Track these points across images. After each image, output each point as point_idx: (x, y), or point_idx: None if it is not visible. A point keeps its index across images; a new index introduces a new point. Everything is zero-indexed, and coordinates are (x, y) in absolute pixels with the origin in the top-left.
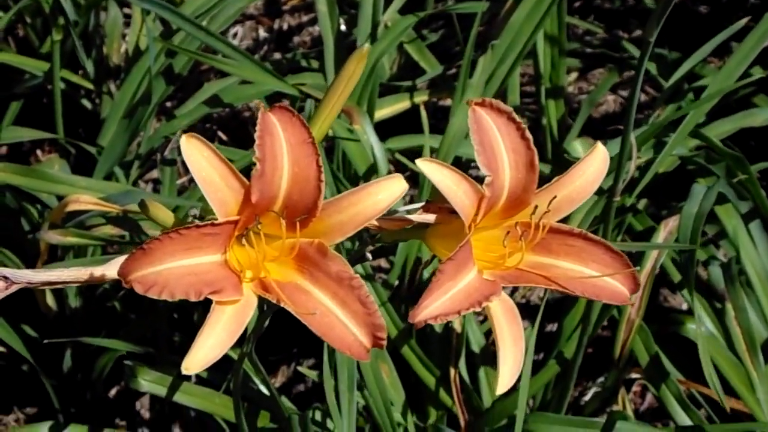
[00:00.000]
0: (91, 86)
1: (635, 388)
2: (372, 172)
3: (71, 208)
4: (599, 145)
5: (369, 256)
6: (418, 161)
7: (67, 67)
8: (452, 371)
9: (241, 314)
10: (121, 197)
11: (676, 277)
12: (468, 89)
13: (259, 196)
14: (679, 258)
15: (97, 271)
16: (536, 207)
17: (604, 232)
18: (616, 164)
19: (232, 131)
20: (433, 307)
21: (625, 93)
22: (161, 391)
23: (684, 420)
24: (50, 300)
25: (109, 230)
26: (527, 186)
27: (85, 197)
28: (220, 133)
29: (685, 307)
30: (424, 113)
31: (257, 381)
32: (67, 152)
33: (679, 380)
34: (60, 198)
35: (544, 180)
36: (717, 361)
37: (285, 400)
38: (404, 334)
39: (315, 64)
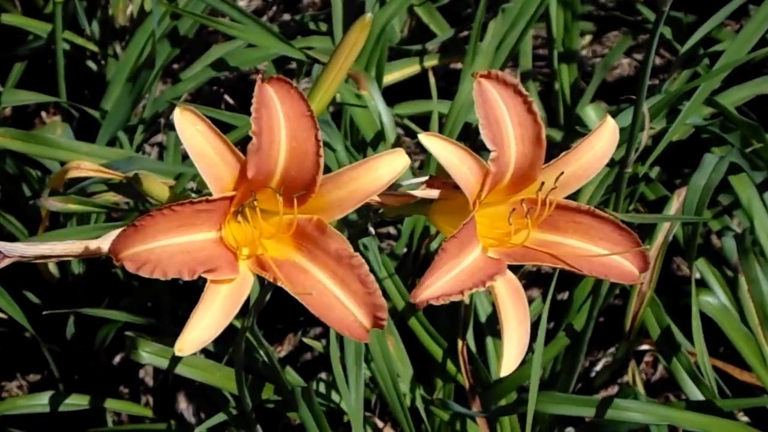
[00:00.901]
0: (95, 48)
1: (647, 358)
2: (380, 139)
3: (71, 175)
4: (608, 118)
5: (372, 230)
6: (420, 136)
7: (72, 29)
8: (460, 343)
9: (237, 293)
10: (124, 164)
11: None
12: (479, 54)
13: (256, 171)
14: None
15: (92, 244)
16: (543, 183)
17: (615, 204)
18: (628, 135)
19: (240, 94)
20: (436, 287)
21: (639, 56)
22: (163, 363)
23: (695, 393)
24: (52, 267)
25: (112, 197)
26: (534, 161)
27: (86, 164)
28: (227, 97)
29: (698, 275)
30: (432, 80)
31: (261, 352)
32: (72, 114)
33: (691, 352)
34: (62, 164)
35: (554, 146)
36: (729, 334)
37: (290, 371)
38: (411, 305)
39: (324, 26)
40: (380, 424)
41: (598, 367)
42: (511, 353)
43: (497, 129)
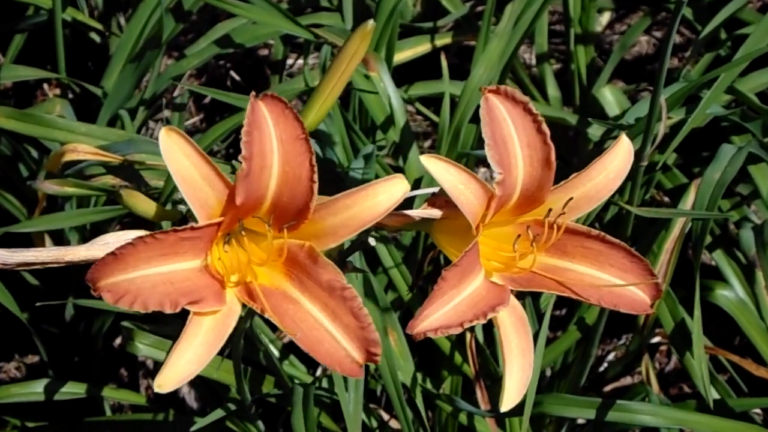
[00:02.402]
0: (97, 25)
1: (662, 347)
2: (389, 123)
3: (68, 158)
4: (623, 137)
5: (372, 242)
6: (422, 158)
7: (74, 3)
8: (468, 335)
9: (222, 325)
10: (123, 147)
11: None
12: (494, 35)
13: (245, 197)
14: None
15: (79, 253)
16: (551, 207)
17: (630, 195)
18: (645, 126)
19: (246, 70)
20: (434, 318)
21: (659, 34)
22: (160, 355)
23: (710, 391)
24: (49, 245)
25: (110, 180)
26: (542, 184)
27: (82, 147)
28: (233, 73)
29: (713, 263)
30: (444, 63)
31: (263, 344)
32: (73, 89)
33: (706, 347)
34: (61, 144)
35: (568, 130)
36: (746, 329)
37: (295, 360)
38: (417, 297)
39: (335, 0)
40: (386, 416)
41: (610, 356)
42: (513, 386)
43: (504, 150)
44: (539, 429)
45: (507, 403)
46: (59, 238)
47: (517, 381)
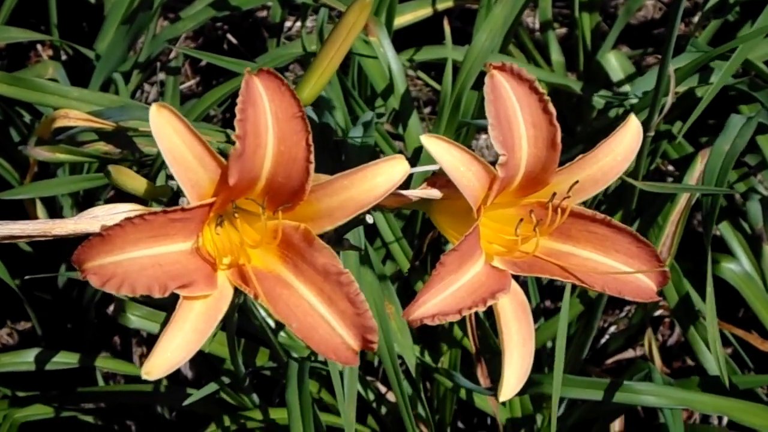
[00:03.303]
0: None
1: (665, 319)
2: (389, 90)
3: (59, 124)
4: (632, 118)
5: (370, 219)
6: (423, 138)
7: None
8: None
9: (213, 309)
10: (116, 112)
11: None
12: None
13: (239, 177)
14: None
15: (67, 226)
16: (556, 190)
17: (636, 166)
18: (652, 97)
19: (243, 33)
20: (431, 304)
21: None
22: (153, 327)
23: (713, 366)
24: (41, 213)
25: (102, 147)
26: (547, 166)
27: (74, 112)
28: (229, 36)
29: (717, 232)
30: (447, 28)
31: (258, 316)
32: (67, 51)
33: None
34: (53, 108)
35: (572, 97)
36: (752, 303)
37: (291, 332)
38: (417, 270)
39: None
40: (383, 389)
41: (612, 329)
42: (512, 376)
43: (508, 130)
44: (539, 405)
45: (506, 394)
46: (51, 205)
47: (516, 371)
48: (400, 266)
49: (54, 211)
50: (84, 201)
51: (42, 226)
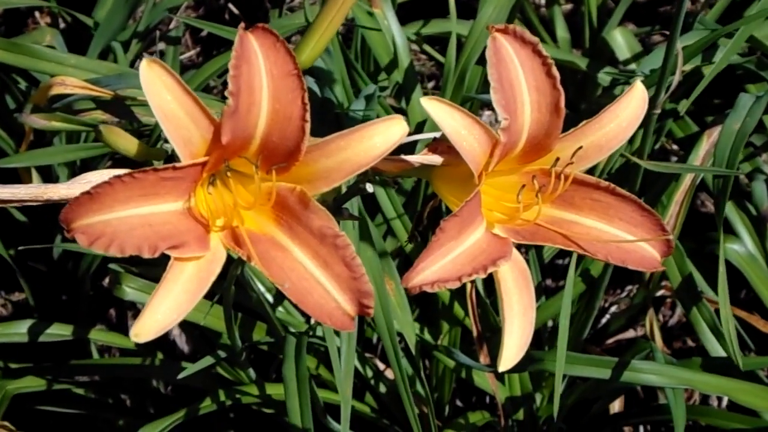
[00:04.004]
0: None
1: (666, 299)
2: (394, 65)
3: (55, 91)
4: (638, 84)
5: (370, 188)
6: (423, 101)
7: None
8: (468, 285)
9: (205, 271)
10: (113, 80)
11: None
12: None
13: (232, 136)
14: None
15: (59, 191)
16: (559, 156)
17: (641, 145)
18: (659, 76)
19: (245, 3)
20: (430, 271)
21: None
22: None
23: (715, 347)
24: (36, 181)
25: (100, 115)
26: (550, 131)
27: (71, 80)
28: (231, 6)
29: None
30: (452, 2)
31: (256, 290)
32: (65, 18)
33: (710, 301)
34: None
35: (576, 74)
36: (756, 285)
37: (289, 307)
38: (418, 245)
39: None
40: (381, 366)
41: (613, 309)
42: (512, 346)
43: (511, 94)
44: (538, 383)
45: (505, 364)
46: (47, 174)
47: (516, 340)
48: (400, 242)
49: (50, 180)
50: (81, 170)
51: (33, 191)
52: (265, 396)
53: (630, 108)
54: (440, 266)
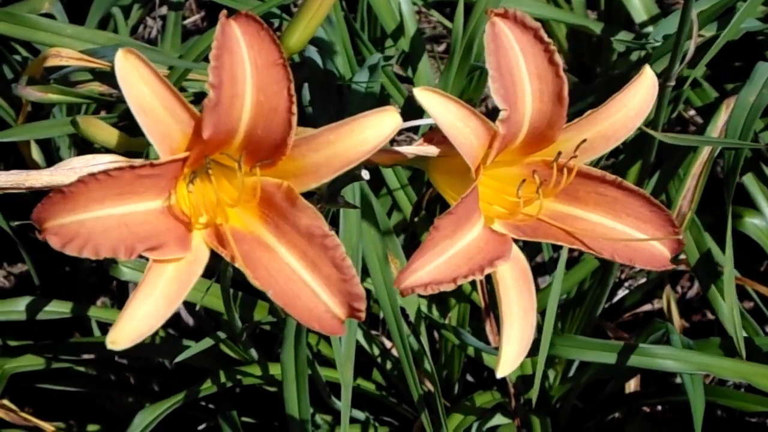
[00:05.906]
0: None
1: (684, 273)
2: (400, 33)
3: (51, 63)
4: (647, 69)
5: (366, 175)
6: (416, 92)
7: None
8: None
9: (186, 273)
10: (110, 51)
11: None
12: None
13: (214, 130)
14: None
15: (42, 178)
16: (562, 148)
17: (656, 115)
18: (673, 44)
19: None
20: (424, 272)
21: None
22: None
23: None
24: (36, 154)
25: (97, 87)
26: (552, 121)
27: (66, 51)
28: None
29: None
30: None
31: None
32: None
33: None
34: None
35: (589, 38)
36: None
37: None
38: (424, 219)
39: None
40: (388, 343)
41: (628, 282)
42: (511, 350)
43: (511, 83)
44: (550, 361)
45: (503, 370)
46: (47, 146)
47: (516, 345)
48: (405, 216)
49: (50, 151)
50: (83, 143)
51: (15, 178)
52: (267, 376)
53: (639, 96)
54: (434, 267)
